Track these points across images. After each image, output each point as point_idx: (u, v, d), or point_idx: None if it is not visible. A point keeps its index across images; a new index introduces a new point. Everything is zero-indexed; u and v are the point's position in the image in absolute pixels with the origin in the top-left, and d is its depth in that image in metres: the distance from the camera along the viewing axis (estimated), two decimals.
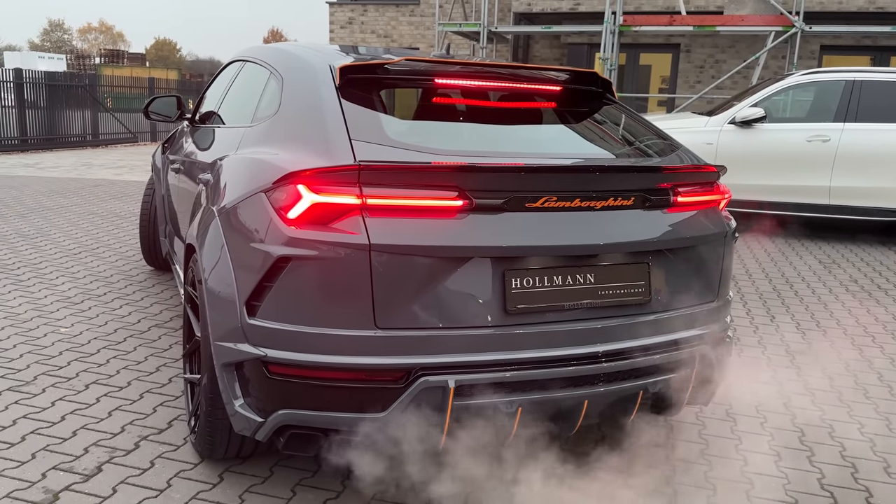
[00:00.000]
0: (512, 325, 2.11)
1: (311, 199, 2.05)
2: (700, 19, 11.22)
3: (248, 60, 3.56)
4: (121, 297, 4.67)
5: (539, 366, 2.11)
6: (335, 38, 15.71)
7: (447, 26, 12.56)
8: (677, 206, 2.36)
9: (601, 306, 2.21)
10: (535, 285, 2.13)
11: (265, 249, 2.12)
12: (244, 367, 2.21)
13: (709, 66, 12.79)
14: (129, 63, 51.17)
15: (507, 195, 2.09)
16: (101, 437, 2.82)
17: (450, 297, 2.07)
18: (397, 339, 2.05)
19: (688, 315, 2.39)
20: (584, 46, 13.08)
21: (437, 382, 2.03)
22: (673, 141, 2.65)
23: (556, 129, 2.65)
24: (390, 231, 2.03)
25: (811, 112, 7.83)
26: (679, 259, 2.37)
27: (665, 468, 2.69)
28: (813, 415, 3.25)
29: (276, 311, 2.12)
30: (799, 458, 2.86)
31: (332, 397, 2.08)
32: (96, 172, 11.57)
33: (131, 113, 19.49)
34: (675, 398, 2.40)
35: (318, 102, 2.38)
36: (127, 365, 3.55)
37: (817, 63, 12.24)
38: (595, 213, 2.19)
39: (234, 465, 2.63)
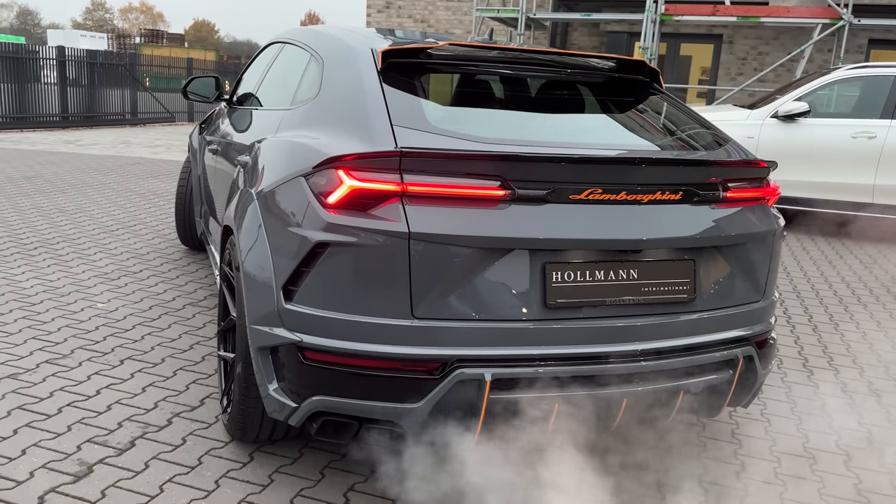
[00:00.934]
0: (551, 320, 2.07)
1: (351, 185, 2.03)
2: (744, 10, 10.94)
3: (288, 42, 3.54)
4: (156, 274, 4.72)
5: (578, 362, 2.07)
6: (372, 21, 15.65)
7: (485, 12, 12.42)
8: (726, 201, 2.29)
9: (644, 303, 2.16)
10: (577, 279, 2.09)
11: (303, 234, 2.10)
12: (279, 352, 2.20)
13: (751, 58, 12.50)
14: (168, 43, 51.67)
15: (550, 186, 2.04)
16: (134, 412, 2.85)
17: (488, 289, 2.04)
18: (434, 330, 2.02)
19: (732, 315, 2.33)
20: (624, 35, 12.86)
21: (474, 375, 2.00)
22: (722, 134, 2.58)
23: (601, 118, 2.59)
24: (430, 219, 1.99)
25: (857, 108, 7.60)
26: (726, 257, 2.30)
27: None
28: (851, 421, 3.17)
29: (312, 297, 2.10)
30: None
31: (366, 386, 2.06)
32: (134, 150, 11.72)
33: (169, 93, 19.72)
34: (715, 400, 2.35)
35: (359, 87, 2.35)
36: (161, 342, 3.58)
37: (865, 58, 11.88)
38: (641, 206, 2.13)
39: (264, 446, 2.64)
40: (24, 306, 3.95)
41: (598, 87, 2.66)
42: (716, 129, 2.62)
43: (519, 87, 2.61)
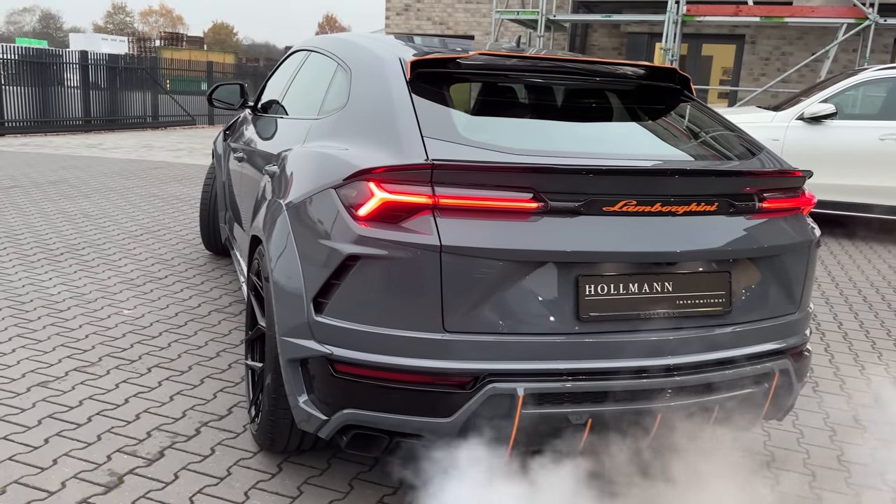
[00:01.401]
0: (585, 333, 2.05)
1: (382, 197, 2.02)
2: (768, 10, 10.81)
3: (314, 51, 3.54)
4: (181, 280, 4.74)
5: (612, 376, 2.04)
6: (391, 24, 15.68)
7: (504, 14, 12.39)
8: (762, 212, 2.25)
9: (679, 316, 2.13)
10: (610, 292, 2.06)
11: (334, 246, 2.09)
12: (309, 364, 2.19)
13: (774, 59, 12.35)
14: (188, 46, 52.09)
15: (584, 198, 2.02)
16: (163, 421, 2.86)
17: (520, 302, 2.02)
18: (465, 343, 2.00)
19: (768, 327, 2.29)
20: (645, 36, 12.76)
21: (506, 389, 1.97)
22: (755, 142, 2.53)
23: (633, 128, 2.56)
24: (462, 232, 1.98)
25: (885, 109, 7.48)
26: (762, 268, 2.26)
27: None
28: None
29: (343, 310, 2.09)
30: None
31: (397, 399, 2.05)
32: (156, 154, 11.81)
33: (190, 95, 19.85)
34: (751, 414, 2.30)
35: (388, 97, 2.34)
36: (188, 349, 3.59)
37: (890, 58, 11.70)
38: (676, 218, 2.10)
39: (292, 456, 2.63)
40: (52, 313, 3.98)
41: (628, 96, 2.63)
42: (749, 137, 2.58)
43: (549, 95, 2.59)
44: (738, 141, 2.51)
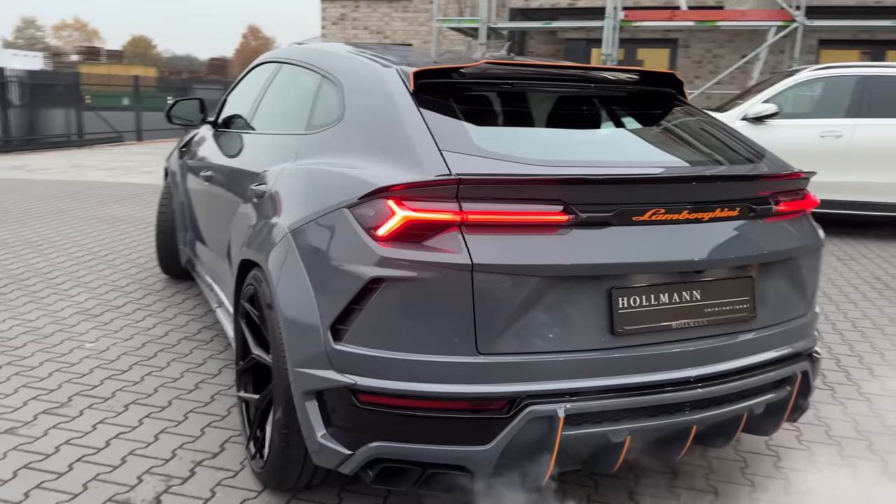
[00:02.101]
0: (620, 348, 1.99)
1: (405, 216, 1.91)
2: (701, 14, 11.14)
3: (287, 63, 3.39)
4: (141, 307, 4.48)
5: (650, 391, 1.99)
6: (327, 34, 15.46)
7: (446, 22, 12.37)
8: (778, 215, 2.25)
9: (708, 324, 2.09)
10: (642, 304, 2.01)
11: (353, 270, 1.97)
12: (328, 396, 2.06)
13: (707, 62, 12.74)
14: (108, 60, 50.30)
15: (614, 208, 1.96)
16: (152, 463, 2.65)
17: (554, 319, 1.94)
18: (501, 366, 1.91)
19: (788, 330, 2.28)
20: (583, 42, 12.97)
21: (546, 411, 1.89)
22: (757, 145, 2.54)
23: (644, 134, 2.53)
24: (493, 249, 1.89)
25: (824, 108, 7.77)
26: (779, 271, 2.26)
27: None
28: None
29: (366, 336, 1.97)
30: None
31: (429, 428, 1.94)
32: (89, 174, 11.27)
33: (114, 111, 19.06)
34: (774, 418, 2.29)
35: (393, 111, 2.23)
36: (163, 382, 3.38)
37: (815, 58, 12.24)
38: (702, 225, 2.07)
39: (300, 493, 2.48)
40: (7, 350, 3.69)
41: (631, 101, 2.59)
42: (749, 140, 2.58)
43: (557, 104, 2.53)
44: (742, 144, 2.51)
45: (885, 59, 11.99)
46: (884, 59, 11.97)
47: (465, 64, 2.31)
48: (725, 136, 2.56)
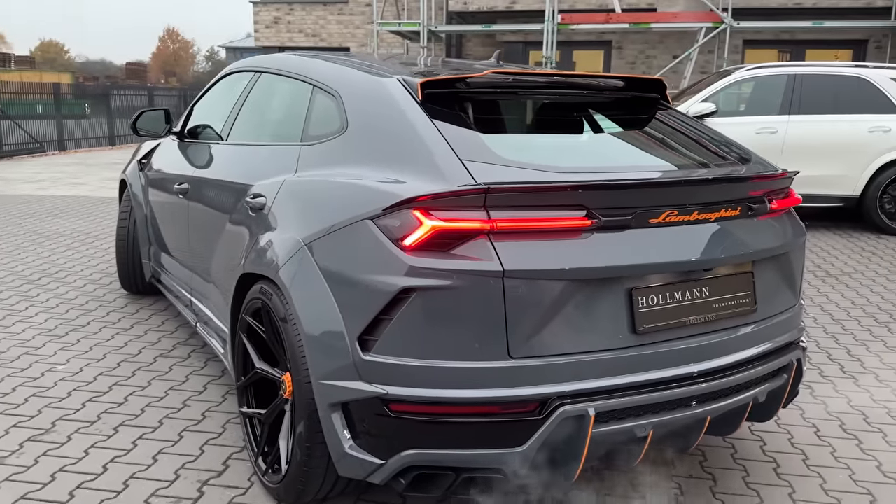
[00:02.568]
0: (642, 346, 2.07)
1: (433, 225, 1.94)
2: (635, 16, 11.51)
3: (266, 72, 3.35)
4: (107, 325, 4.33)
5: (671, 385, 2.08)
6: (261, 38, 15.21)
7: (386, 25, 12.36)
8: (771, 212, 2.38)
9: (717, 318, 2.20)
10: (660, 303, 2.10)
11: (382, 280, 1.98)
12: (355, 407, 2.06)
13: (640, 62, 13.15)
14: (18, 66, 47.98)
15: (632, 211, 2.04)
16: (157, 486, 2.59)
17: (580, 321, 2.01)
18: (532, 369, 1.96)
19: (783, 321, 2.42)
20: (520, 45, 13.19)
21: (577, 411, 1.95)
22: (742, 146, 2.67)
23: (643, 137, 2.62)
24: (522, 255, 1.94)
25: (759, 105, 8.16)
26: (773, 265, 2.39)
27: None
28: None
29: (396, 346, 1.99)
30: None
31: (464, 434, 1.97)
32: (17, 188, 10.75)
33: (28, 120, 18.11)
34: (772, 405, 2.43)
35: (405, 121, 2.25)
36: (149, 402, 3.29)
37: (741, 58, 12.80)
38: (710, 224, 2.18)
39: None
40: None
41: (625, 106, 2.69)
42: (733, 141, 2.72)
43: (560, 110, 2.60)
44: (730, 146, 2.64)
45: (804, 57, 12.66)
46: (803, 58, 12.63)
47: (470, 74, 2.35)
48: (715, 138, 2.68)
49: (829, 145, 7.70)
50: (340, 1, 14.83)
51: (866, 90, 7.74)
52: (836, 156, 7.69)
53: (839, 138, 7.71)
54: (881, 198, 7.68)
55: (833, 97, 7.86)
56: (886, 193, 7.68)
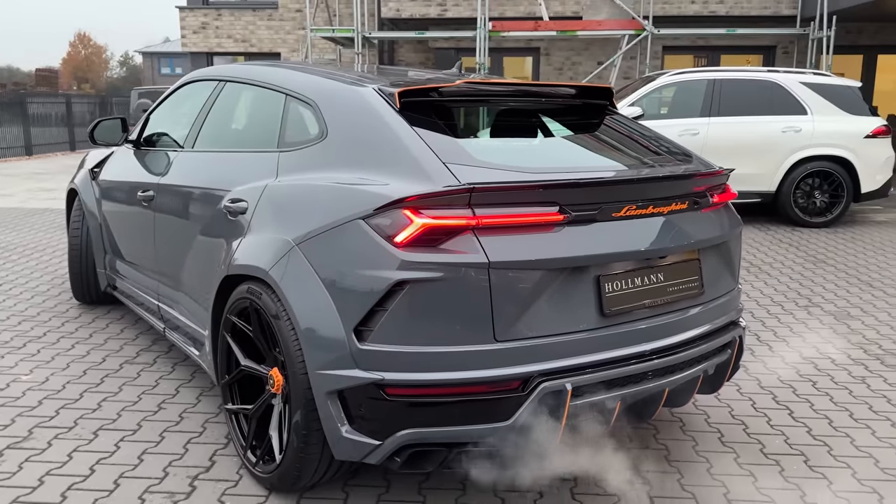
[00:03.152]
0: (609, 326, 2.31)
1: (423, 223, 2.12)
2: (562, 24, 11.96)
3: (232, 81, 3.45)
4: (65, 335, 4.32)
5: (635, 361, 2.33)
6: (188, 43, 14.98)
7: (319, 31, 12.42)
8: (712, 206, 2.67)
9: (671, 301, 2.47)
10: (623, 288, 2.34)
11: (377, 275, 2.16)
12: (351, 393, 2.23)
13: (567, 69, 13.65)
14: None
15: (598, 207, 2.28)
16: (148, 483, 2.68)
17: (555, 305, 2.23)
18: (515, 350, 2.17)
19: (725, 302, 2.71)
20: (451, 51, 13.48)
21: (556, 386, 2.18)
22: (683, 147, 2.96)
23: (603, 140, 2.86)
24: (504, 248, 2.15)
25: (681, 109, 8.65)
26: (716, 253, 2.68)
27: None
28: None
29: (391, 335, 2.16)
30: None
31: (456, 412, 2.17)
32: None
33: None
34: (719, 378, 2.72)
35: (386, 128, 2.43)
36: (124, 406, 3.34)
37: (661, 63, 13.46)
38: (663, 217, 2.44)
39: (305, 493, 2.61)
40: None
41: (585, 112, 2.94)
42: (674, 142, 3.01)
43: (525, 116, 2.82)
44: (674, 146, 2.93)
45: (719, 62, 13.42)
46: (718, 63, 13.40)
47: (444, 84, 2.55)
48: (659, 139, 2.97)
49: (747, 145, 8.25)
50: (270, 6, 14.78)
51: (779, 94, 8.34)
52: (753, 155, 8.25)
53: (755, 138, 8.27)
54: (794, 193, 8.29)
55: (749, 100, 8.43)
56: (799, 189, 8.29)
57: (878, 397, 3.51)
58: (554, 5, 12.79)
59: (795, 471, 2.80)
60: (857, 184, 8.23)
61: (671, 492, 2.62)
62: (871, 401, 3.46)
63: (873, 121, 8.30)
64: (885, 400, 3.47)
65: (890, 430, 3.16)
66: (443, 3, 12.66)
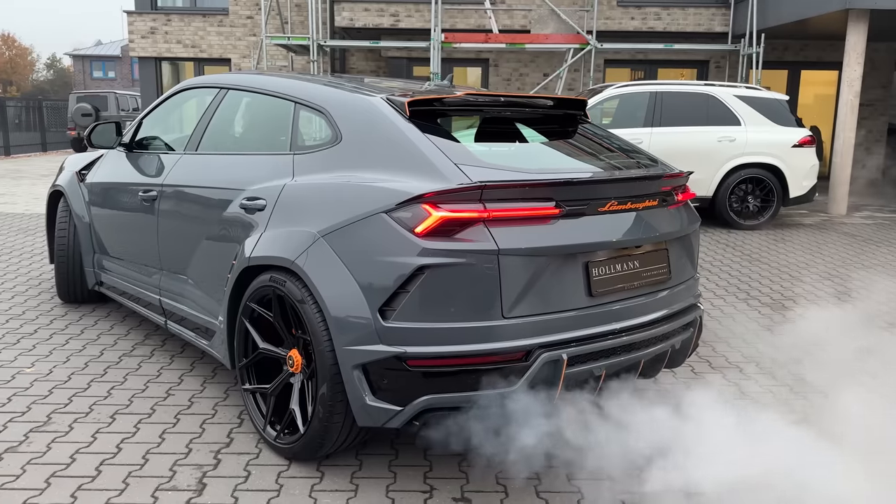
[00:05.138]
0: (596, 306, 2.69)
1: (441, 216, 2.46)
2: (511, 37, 12.47)
3: (234, 89, 3.69)
4: (57, 332, 4.45)
5: (617, 335, 2.71)
6: (136, 48, 14.86)
7: (275, 39, 12.58)
8: (677, 203, 3.08)
9: (645, 285, 2.86)
10: (607, 272, 2.73)
11: (400, 261, 2.47)
12: (374, 366, 2.53)
13: (514, 79, 14.17)
14: None
15: (586, 202, 2.66)
16: (176, 458, 2.91)
17: (552, 287, 2.59)
18: (520, 325, 2.52)
19: (687, 287, 3.13)
20: (403, 60, 13.83)
21: (554, 356, 2.54)
22: (647, 152, 3.38)
23: (585, 145, 3.24)
24: (511, 237, 2.50)
25: (625, 119, 9.21)
26: (680, 244, 3.09)
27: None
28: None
29: (412, 313, 2.48)
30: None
31: (469, 379, 2.50)
32: None
33: None
34: (683, 354, 3.13)
35: (401, 133, 2.75)
36: (134, 394, 3.54)
37: (603, 76, 14.13)
38: (639, 212, 2.84)
39: (323, 461, 2.89)
40: None
41: (566, 122, 3.33)
42: (639, 148, 3.43)
43: (517, 123, 3.18)
44: (641, 152, 3.34)
45: (657, 75, 14.19)
46: (656, 76, 14.17)
47: (448, 95, 2.90)
48: (629, 146, 3.38)
49: (686, 153, 8.84)
50: (220, 13, 14.83)
51: (715, 106, 8.99)
52: (692, 162, 8.80)
53: (694, 147, 8.89)
54: (730, 198, 8.94)
55: (688, 112, 9.06)
56: (734, 194, 8.96)
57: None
58: (503, 19, 13.31)
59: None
60: (786, 189, 8.94)
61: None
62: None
63: (800, 131, 9.03)
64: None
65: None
66: (395, 13, 13.01)
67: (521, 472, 2.74)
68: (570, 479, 2.80)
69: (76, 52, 64.01)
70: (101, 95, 21.61)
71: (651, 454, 2.64)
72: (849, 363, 3.50)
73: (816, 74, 14.64)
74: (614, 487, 2.72)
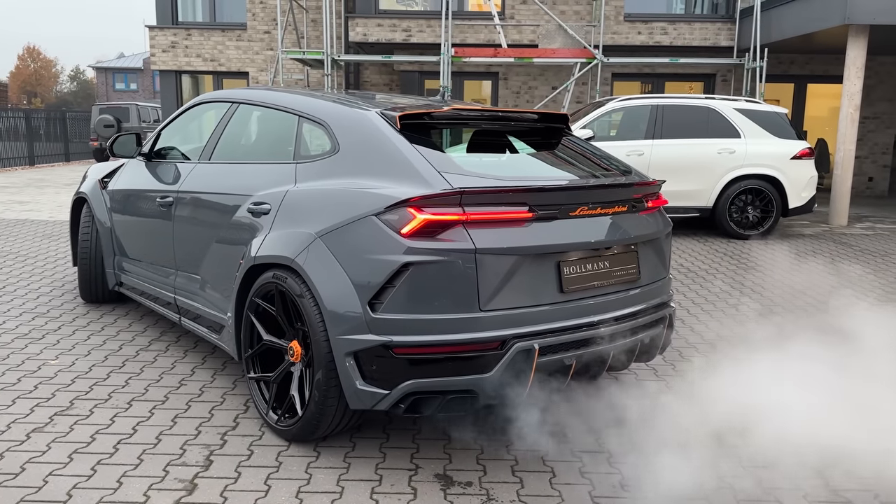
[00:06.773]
0: (567, 301, 2.95)
1: (424, 218, 2.73)
2: (519, 52, 12.79)
3: (245, 103, 4.01)
4: (78, 329, 4.77)
5: (587, 329, 2.97)
6: (157, 62, 15.34)
7: (291, 53, 12.99)
8: (648, 209, 3.34)
9: (614, 283, 3.12)
10: (578, 271, 2.99)
11: (387, 259, 2.75)
12: (364, 353, 2.80)
13: (524, 92, 14.48)
14: None
15: (558, 207, 2.92)
16: (185, 438, 3.20)
17: (525, 283, 2.86)
18: (495, 317, 2.79)
19: (658, 286, 3.38)
20: (416, 74, 14.19)
21: (526, 346, 2.80)
22: (624, 162, 3.65)
23: (562, 155, 3.52)
24: (487, 237, 2.77)
25: (628, 131, 9.48)
26: (650, 247, 3.35)
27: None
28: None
29: (398, 305, 2.76)
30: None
31: (448, 366, 2.76)
32: None
33: None
34: (653, 349, 3.37)
35: (392, 144, 3.03)
36: (148, 384, 3.84)
37: (610, 89, 14.40)
38: (609, 217, 3.10)
39: (319, 443, 3.17)
40: None
41: (548, 133, 3.61)
42: (616, 158, 3.69)
43: (501, 136, 3.47)
44: (616, 161, 3.61)
45: (664, 88, 14.42)
46: (663, 89, 14.40)
47: (437, 109, 3.18)
48: (606, 156, 3.64)
49: (687, 165, 9.10)
50: (239, 28, 15.28)
51: (715, 118, 9.22)
52: (693, 174, 9.10)
53: (694, 159, 9.12)
54: (729, 208, 9.15)
55: (688, 124, 9.29)
56: (734, 204, 9.16)
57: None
58: (512, 34, 13.63)
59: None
60: (785, 200, 9.13)
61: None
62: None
63: (798, 144, 9.24)
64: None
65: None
66: (408, 29, 13.38)
67: (499, 453, 3.00)
68: (544, 461, 3.06)
69: (99, 65, 65.25)
70: (123, 107, 22.17)
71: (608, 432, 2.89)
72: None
73: (823, 87, 14.80)
74: (585, 468, 2.98)
